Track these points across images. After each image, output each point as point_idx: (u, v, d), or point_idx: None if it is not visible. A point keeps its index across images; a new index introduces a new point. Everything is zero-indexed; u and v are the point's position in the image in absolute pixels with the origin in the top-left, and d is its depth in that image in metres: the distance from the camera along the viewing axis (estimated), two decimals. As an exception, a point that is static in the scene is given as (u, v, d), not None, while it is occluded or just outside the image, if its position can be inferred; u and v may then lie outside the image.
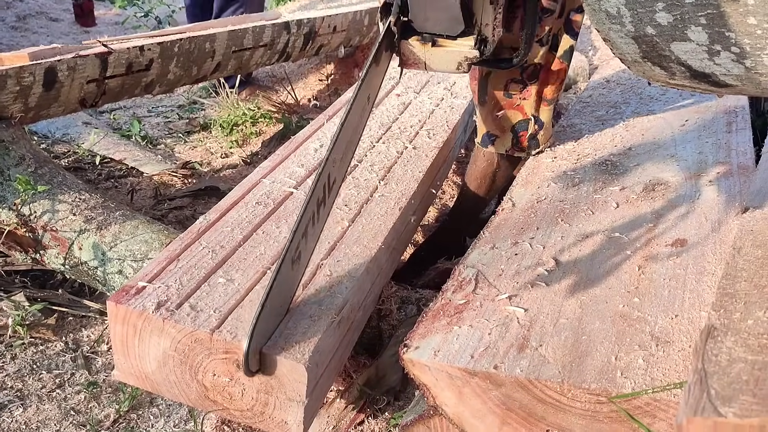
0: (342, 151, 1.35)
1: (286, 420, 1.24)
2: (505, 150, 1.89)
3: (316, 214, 1.30)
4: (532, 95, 1.80)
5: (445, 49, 1.44)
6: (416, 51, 1.45)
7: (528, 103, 1.81)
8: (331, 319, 1.28)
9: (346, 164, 1.40)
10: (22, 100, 1.83)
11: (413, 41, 1.43)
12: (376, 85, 1.44)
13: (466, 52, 1.43)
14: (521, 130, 1.84)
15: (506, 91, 1.82)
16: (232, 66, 2.63)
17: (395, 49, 1.44)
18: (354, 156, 1.42)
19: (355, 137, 1.40)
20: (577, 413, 1.02)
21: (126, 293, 1.31)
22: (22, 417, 1.52)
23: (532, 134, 1.85)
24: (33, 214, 1.76)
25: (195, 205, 2.59)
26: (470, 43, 1.42)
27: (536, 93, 1.80)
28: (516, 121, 1.84)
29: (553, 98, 1.81)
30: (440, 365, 1.08)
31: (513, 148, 1.88)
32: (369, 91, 1.41)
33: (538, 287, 1.26)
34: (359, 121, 1.40)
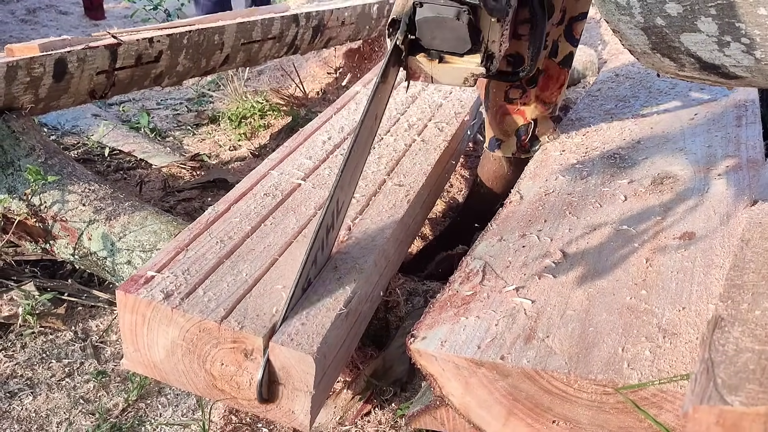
0: (350, 175, 1.36)
1: (293, 410, 1.25)
2: (512, 153, 1.92)
3: (325, 240, 1.33)
4: (531, 99, 1.82)
5: (452, 66, 1.45)
6: (423, 66, 1.46)
7: (529, 108, 1.84)
8: (339, 311, 1.29)
9: (354, 185, 1.42)
10: (33, 91, 1.84)
11: (420, 57, 1.45)
12: (384, 103, 1.45)
13: (472, 69, 1.43)
14: (522, 134, 1.87)
15: (507, 96, 1.84)
16: (240, 58, 2.64)
17: (403, 64, 1.45)
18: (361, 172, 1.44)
19: (363, 158, 1.41)
20: (583, 404, 1.02)
21: (135, 283, 1.32)
22: (32, 405, 1.53)
23: (533, 135, 1.87)
24: (43, 204, 1.77)
25: (203, 197, 2.60)
26: (477, 60, 1.43)
27: (536, 98, 1.82)
28: (519, 126, 1.87)
29: (551, 102, 1.83)
30: (447, 355, 1.09)
31: (518, 151, 1.91)
32: (377, 109, 1.43)
33: (545, 279, 1.26)
34: (367, 141, 1.41)
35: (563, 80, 1.82)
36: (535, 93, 1.81)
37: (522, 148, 1.90)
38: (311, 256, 1.26)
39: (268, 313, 1.25)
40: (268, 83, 3.93)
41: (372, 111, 1.37)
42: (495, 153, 1.94)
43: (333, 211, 1.31)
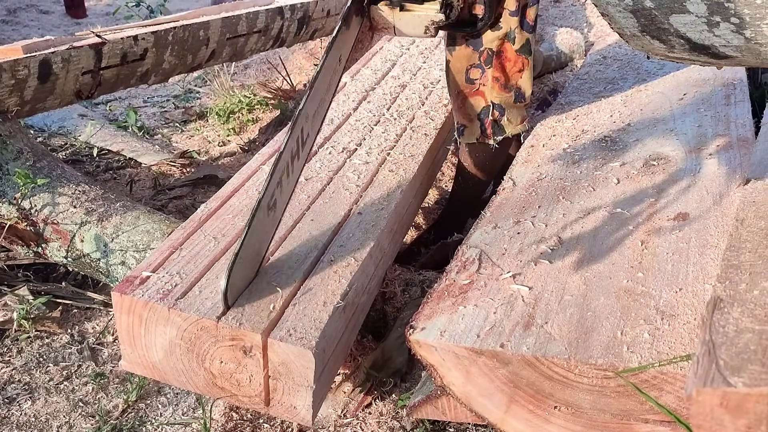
0: (315, 107, 1.39)
1: (294, 405, 1.25)
2: (476, 138, 1.89)
3: (290, 165, 1.34)
4: (489, 80, 1.81)
5: (412, 14, 1.51)
6: (385, 15, 1.52)
7: (487, 89, 1.82)
8: (337, 304, 1.29)
9: (319, 121, 1.44)
10: (18, 94, 1.82)
11: (382, 6, 1.51)
12: (347, 47, 1.48)
13: (432, 16, 1.50)
14: (485, 117, 1.85)
15: (468, 77, 1.83)
16: (226, 53, 2.62)
17: (365, 13, 1.51)
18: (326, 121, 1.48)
19: (328, 96, 1.44)
20: (584, 389, 1.02)
21: (130, 283, 1.31)
22: (31, 410, 1.53)
23: (494, 120, 1.85)
24: (33, 208, 1.76)
25: (194, 194, 2.58)
26: (436, 6, 1.50)
27: (493, 78, 1.80)
28: (480, 109, 1.85)
29: (513, 86, 1.81)
30: (447, 345, 1.09)
31: (482, 136, 1.88)
32: (340, 52, 1.46)
33: (541, 265, 1.26)
34: (331, 81, 1.44)
35: (523, 66, 1.80)
36: (493, 74, 1.80)
37: (485, 133, 1.88)
38: (275, 177, 1.27)
39: (266, 309, 1.24)
40: (255, 77, 3.91)
41: (335, 52, 1.40)
42: (461, 140, 1.93)
43: (297, 137, 1.34)
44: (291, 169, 1.36)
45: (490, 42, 1.77)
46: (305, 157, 1.42)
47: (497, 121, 1.85)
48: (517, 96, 1.83)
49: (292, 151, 1.33)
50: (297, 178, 1.41)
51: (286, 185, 1.36)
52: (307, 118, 1.36)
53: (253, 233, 1.25)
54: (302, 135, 1.36)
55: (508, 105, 1.83)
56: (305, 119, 1.35)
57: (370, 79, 2.43)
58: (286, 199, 1.38)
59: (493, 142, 1.88)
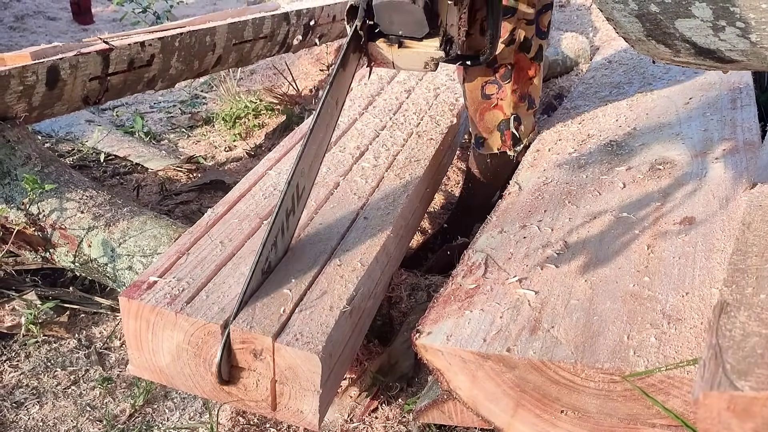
0: (310, 161, 1.38)
1: (301, 409, 1.25)
2: (497, 149, 1.91)
3: (285, 224, 1.35)
4: (508, 94, 1.82)
5: (411, 50, 1.46)
6: (384, 52, 1.48)
7: (506, 103, 1.84)
8: (343, 309, 1.29)
9: (315, 172, 1.44)
10: (26, 100, 1.84)
11: (380, 43, 1.46)
12: (344, 90, 1.46)
13: (432, 53, 1.45)
14: (505, 130, 1.87)
15: (483, 93, 1.84)
16: (233, 59, 2.63)
17: (363, 50, 1.47)
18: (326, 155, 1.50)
19: (324, 144, 1.43)
20: (591, 393, 1.02)
21: (138, 288, 1.32)
22: (38, 414, 1.53)
23: (514, 133, 1.87)
24: (41, 213, 1.77)
25: (201, 199, 2.59)
26: (436, 44, 1.43)
27: (512, 92, 1.82)
28: (499, 122, 1.87)
29: (525, 94, 1.83)
30: (453, 350, 1.09)
31: (503, 146, 1.90)
32: (337, 95, 1.44)
33: (548, 269, 1.26)
34: (327, 128, 1.43)
35: (535, 72, 1.82)
36: (511, 87, 1.82)
37: (506, 143, 1.90)
38: (270, 239, 1.28)
39: (276, 312, 1.25)
40: (261, 82, 3.92)
41: (332, 97, 1.39)
42: (480, 151, 1.94)
43: (293, 195, 1.33)
44: (286, 227, 1.37)
45: (506, 57, 1.78)
46: (300, 212, 1.42)
47: (516, 132, 1.87)
48: (529, 104, 1.85)
49: (287, 210, 1.34)
50: (292, 234, 1.42)
51: (281, 243, 1.37)
52: (302, 173, 1.36)
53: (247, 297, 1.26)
54: (298, 191, 1.36)
55: (523, 114, 1.85)
56: (301, 175, 1.35)
57: (376, 84, 2.43)
58: (280, 256, 1.39)
59: (513, 153, 1.90)
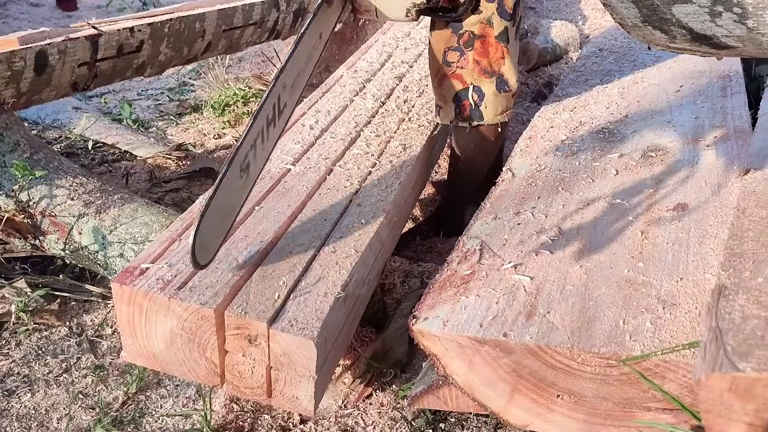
0: (293, 78, 1.39)
1: (297, 396, 1.25)
2: (450, 120, 1.89)
3: (265, 131, 1.34)
4: (469, 63, 1.81)
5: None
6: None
7: (466, 72, 1.82)
8: (338, 295, 1.29)
9: (297, 94, 1.44)
10: (14, 86, 1.81)
11: None
12: (329, 26, 1.50)
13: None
14: (463, 99, 1.85)
15: (445, 59, 1.84)
16: (222, 45, 2.61)
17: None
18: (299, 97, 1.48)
19: (307, 69, 1.45)
20: (587, 377, 1.03)
21: (130, 274, 1.31)
22: (30, 402, 1.52)
23: (475, 104, 1.84)
24: (31, 200, 1.75)
25: (191, 187, 2.57)
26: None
27: (474, 62, 1.81)
28: (457, 90, 1.85)
29: (495, 72, 1.81)
30: (450, 335, 1.09)
31: (456, 118, 1.88)
32: (321, 29, 1.47)
33: (542, 255, 1.27)
34: (311, 55, 1.45)
35: (504, 54, 1.80)
36: (474, 57, 1.80)
37: (461, 115, 1.87)
38: (249, 139, 1.27)
39: (270, 298, 1.24)
40: (250, 69, 3.89)
41: (315, 27, 1.42)
42: (437, 120, 1.94)
43: (274, 104, 1.33)
44: (266, 135, 1.35)
45: (472, 25, 1.77)
46: (281, 127, 1.41)
47: (476, 105, 1.85)
48: (499, 83, 1.82)
49: (267, 117, 1.33)
50: (272, 147, 1.40)
51: (261, 151, 1.35)
52: (284, 86, 1.36)
53: (223, 192, 1.23)
54: (279, 103, 1.36)
55: (489, 92, 1.83)
56: (282, 87, 1.35)
57: (367, 71, 2.42)
58: (260, 166, 1.37)
59: (468, 125, 1.87)
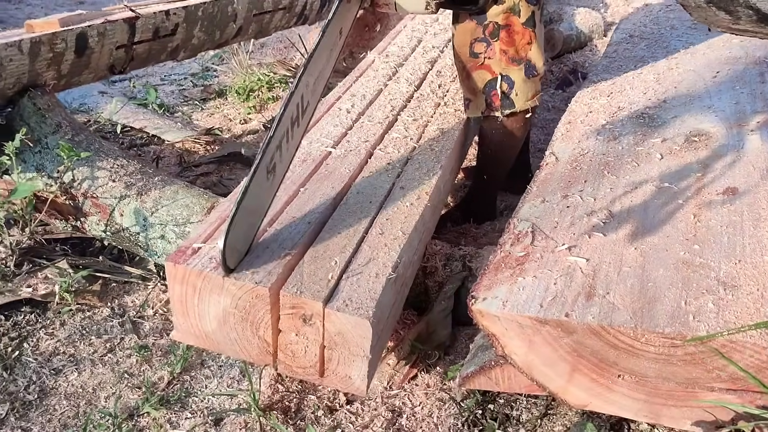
0: (315, 77, 1.41)
1: (350, 375, 1.26)
2: (480, 112, 1.88)
3: (290, 132, 1.36)
4: (496, 53, 1.80)
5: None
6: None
7: (494, 62, 1.81)
8: (389, 276, 1.29)
9: (319, 92, 1.46)
10: (55, 67, 1.82)
11: None
12: (348, 21, 1.50)
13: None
14: (492, 89, 1.84)
15: (471, 51, 1.83)
16: (252, 30, 2.61)
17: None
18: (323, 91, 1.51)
19: (328, 67, 1.47)
20: (650, 357, 1.03)
21: (183, 254, 1.32)
22: (77, 381, 1.54)
23: (504, 93, 1.84)
24: (74, 181, 1.76)
25: (220, 171, 2.58)
26: None
27: (500, 51, 1.80)
28: (485, 82, 1.84)
29: (522, 59, 1.80)
30: (510, 315, 1.10)
31: (487, 109, 1.88)
32: (341, 24, 1.48)
33: (595, 237, 1.27)
34: (331, 52, 1.46)
35: (530, 38, 1.80)
36: (500, 47, 1.80)
37: (492, 105, 1.87)
38: (275, 139, 1.29)
39: (324, 278, 1.25)
40: (272, 55, 3.89)
41: (335, 24, 1.43)
42: (467, 114, 1.93)
43: (298, 104, 1.35)
44: (291, 135, 1.37)
45: (495, 16, 1.77)
46: (305, 125, 1.43)
47: (506, 94, 1.84)
48: (527, 69, 1.82)
49: (292, 117, 1.35)
50: (297, 145, 1.42)
51: (286, 151, 1.37)
52: (307, 85, 1.38)
53: (251, 195, 1.26)
54: (302, 102, 1.38)
55: (518, 79, 1.82)
56: (305, 86, 1.37)
57: (398, 56, 2.42)
58: (286, 165, 1.39)
59: (500, 114, 1.87)
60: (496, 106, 1.85)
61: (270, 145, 1.27)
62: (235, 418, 1.44)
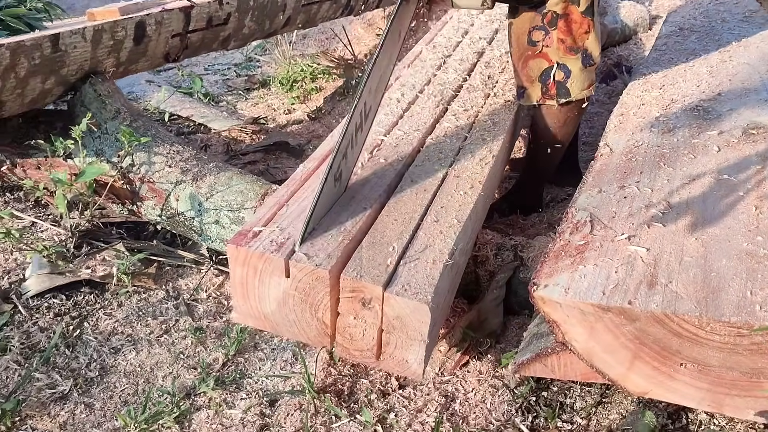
0: (376, 82, 1.46)
1: (406, 359, 1.28)
2: (536, 101, 1.88)
3: (354, 138, 1.43)
4: (554, 41, 1.79)
5: None
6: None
7: (552, 50, 1.81)
8: (446, 262, 1.31)
9: (380, 95, 1.52)
10: (115, 55, 1.86)
11: None
12: (406, 22, 1.53)
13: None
14: (549, 78, 1.84)
15: (530, 39, 1.83)
16: (300, 20, 2.63)
17: None
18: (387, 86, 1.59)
19: (388, 70, 1.51)
20: (714, 346, 1.03)
21: (244, 237, 1.34)
22: (136, 360, 1.58)
23: (560, 82, 1.83)
24: (133, 166, 1.80)
25: (267, 160, 2.62)
26: None
27: (558, 40, 1.79)
28: (542, 70, 1.84)
29: (579, 48, 1.80)
30: (572, 302, 1.10)
31: (543, 97, 1.87)
32: (400, 27, 1.50)
33: (655, 228, 1.27)
34: (391, 55, 1.50)
35: (588, 27, 1.79)
36: (558, 36, 1.79)
37: (548, 94, 1.86)
38: (342, 149, 1.36)
39: (382, 263, 1.27)
40: (314, 47, 3.92)
41: (395, 28, 1.46)
42: (521, 102, 1.93)
43: (361, 111, 1.41)
44: (355, 141, 1.45)
45: (555, 5, 1.77)
46: (368, 129, 1.50)
47: (562, 83, 1.84)
48: (584, 58, 1.81)
49: (356, 124, 1.41)
50: (360, 149, 1.50)
51: (350, 156, 1.45)
52: (370, 91, 1.43)
53: (321, 204, 1.33)
54: (365, 108, 1.44)
55: (575, 68, 1.82)
56: (368, 93, 1.42)
57: (446, 47, 2.43)
58: (350, 168, 1.48)
59: (556, 102, 1.86)
60: (552, 95, 1.85)
61: (337, 156, 1.35)
62: (290, 400, 1.47)
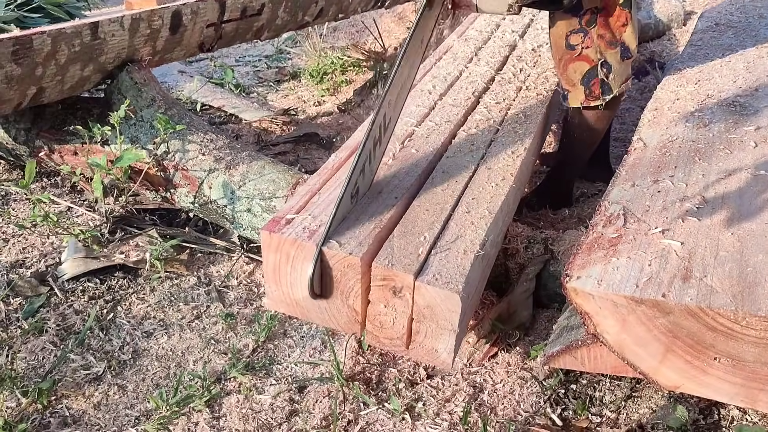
0: (396, 93, 1.44)
1: (436, 348, 1.28)
2: (580, 103, 1.86)
3: (372, 153, 1.42)
4: (594, 40, 1.77)
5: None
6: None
7: (591, 50, 1.79)
8: (477, 253, 1.31)
9: (400, 105, 1.49)
10: (151, 43, 1.89)
11: None
12: (429, 29, 1.50)
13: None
14: (591, 79, 1.82)
15: (568, 43, 1.80)
16: (332, 12, 2.64)
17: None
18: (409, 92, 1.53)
19: (409, 80, 1.48)
20: (750, 341, 1.02)
21: (277, 223, 1.36)
22: (167, 344, 1.60)
23: (603, 80, 1.81)
24: (167, 154, 1.83)
25: (297, 151, 2.63)
26: None
27: (598, 36, 1.77)
28: (584, 73, 1.82)
29: (617, 41, 1.77)
30: (605, 294, 1.10)
31: (587, 99, 1.85)
32: (423, 34, 1.48)
33: (689, 222, 1.26)
34: (413, 64, 1.47)
35: (626, 20, 1.77)
36: (598, 32, 1.77)
37: (592, 94, 1.84)
38: (359, 166, 1.35)
39: (414, 253, 1.27)
40: (345, 39, 3.93)
41: (417, 36, 1.43)
42: (564, 104, 1.91)
43: (380, 124, 1.39)
44: (373, 156, 1.43)
45: (593, 2, 1.74)
46: (386, 142, 1.48)
47: (605, 79, 1.82)
48: (623, 51, 1.79)
49: (374, 139, 1.40)
50: (379, 163, 1.49)
51: (368, 171, 1.44)
52: (390, 104, 1.41)
53: (336, 219, 1.32)
54: (384, 121, 1.42)
55: (615, 62, 1.80)
56: (388, 105, 1.40)
57: (477, 40, 2.42)
58: (368, 183, 1.46)
59: (601, 102, 1.85)
60: (596, 95, 1.83)
61: (354, 172, 1.34)
62: (319, 387, 1.49)
